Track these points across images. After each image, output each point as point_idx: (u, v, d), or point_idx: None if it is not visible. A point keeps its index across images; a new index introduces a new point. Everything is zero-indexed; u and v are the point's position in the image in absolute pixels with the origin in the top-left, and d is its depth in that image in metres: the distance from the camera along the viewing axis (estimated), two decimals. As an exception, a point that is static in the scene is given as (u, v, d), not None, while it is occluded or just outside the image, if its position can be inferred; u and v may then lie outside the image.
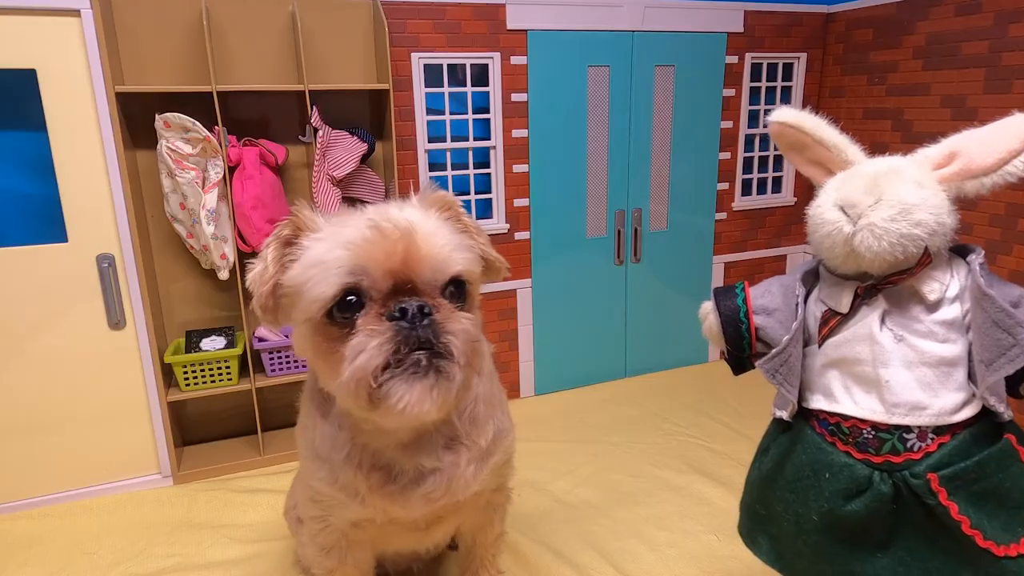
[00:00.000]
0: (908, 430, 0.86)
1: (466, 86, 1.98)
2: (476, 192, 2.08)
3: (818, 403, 0.93)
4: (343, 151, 1.75)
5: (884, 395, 0.87)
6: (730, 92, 2.27)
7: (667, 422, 2.04)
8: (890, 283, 0.87)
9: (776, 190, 2.46)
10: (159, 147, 1.62)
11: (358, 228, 0.82)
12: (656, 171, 2.24)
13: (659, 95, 2.17)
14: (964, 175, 0.85)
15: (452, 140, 2.01)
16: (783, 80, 2.36)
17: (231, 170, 1.68)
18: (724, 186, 2.35)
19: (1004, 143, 0.82)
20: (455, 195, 0.95)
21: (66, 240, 1.59)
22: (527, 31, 1.98)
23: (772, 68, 2.33)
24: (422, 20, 1.87)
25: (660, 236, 2.31)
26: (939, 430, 0.86)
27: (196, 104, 1.64)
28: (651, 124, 2.19)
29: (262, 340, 1.82)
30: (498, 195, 2.09)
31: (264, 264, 0.86)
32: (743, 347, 1.00)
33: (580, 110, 2.09)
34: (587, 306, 2.28)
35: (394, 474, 0.95)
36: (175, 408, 1.83)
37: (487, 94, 2.01)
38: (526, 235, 2.15)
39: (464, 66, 1.96)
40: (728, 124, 2.30)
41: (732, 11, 2.18)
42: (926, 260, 0.84)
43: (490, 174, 2.08)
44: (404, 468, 0.95)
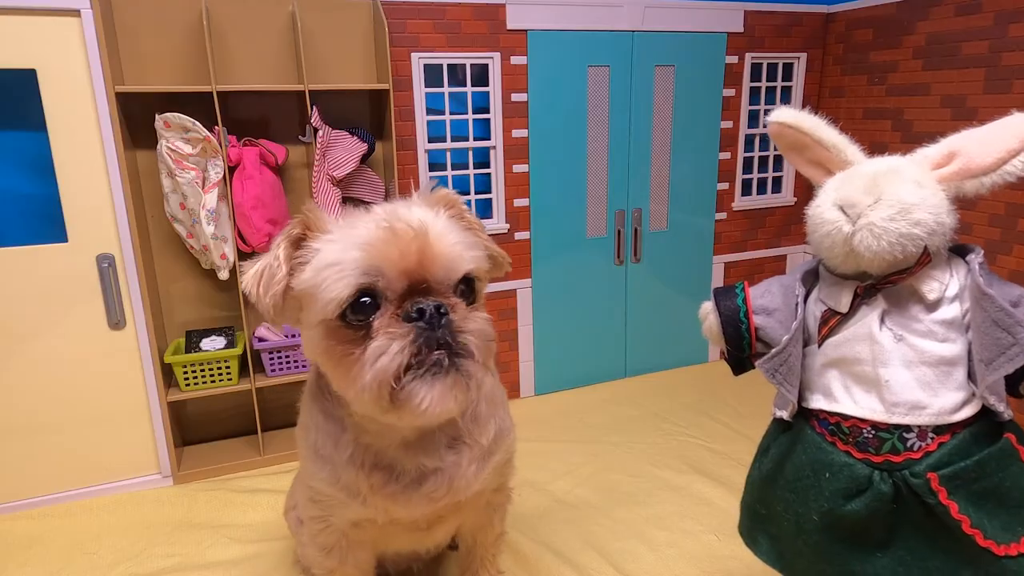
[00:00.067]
0: (908, 429, 0.86)
1: (466, 86, 1.98)
2: (476, 192, 2.08)
3: (818, 403, 0.93)
4: (343, 151, 1.75)
5: (884, 394, 0.87)
6: (730, 92, 2.27)
7: (667, 422, 2.04)
8: (890, 283, 0.87)
9: (776, 190, 2.46)
10: (159, 147, 1.62)
11: (370, 228, 0.81)
12: (656, 171, 2.25)
13: (659, 95, 2.17)
14: (963, 175, 0.85)
15: (452, 140, 2.01)
16: (783, 80, 2.36)
17: (231, 170, 1.69)
18: (724, 186, 2.35)
19: (1003, 143, 0.83)
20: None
21: (66, 240, 1.60)
22: (527, 31, 1.98)
23: (772, 68, 2.33)
24: (422, 20, 1.87)
25: (660, 236, 2.31)
26: (939, 429, 0.86)
27: (196, 104, 1.65)
28: (651, 124, 2.19)
29: (262, 340, 1.83)
30: (498, 195, 2.09)
31: (277, 263, 0.84)
32: (743, 347, 1.00)
33: (580, 110, 2.09)
34: (587, 306, 2.28)
35: (396, 474, 0.95)
36: (175, 408, 1.84)
37: (487, 94, 2.01)
38: (526, 235, 2.15)
39: (464, 66, 1.96)
40: (728, 124, 2.30)
41: (732, 11, 2.18)
42: (925, 260, 0.84)
43: (490, 174, 2.08)
44: (406, 468, 0.95)
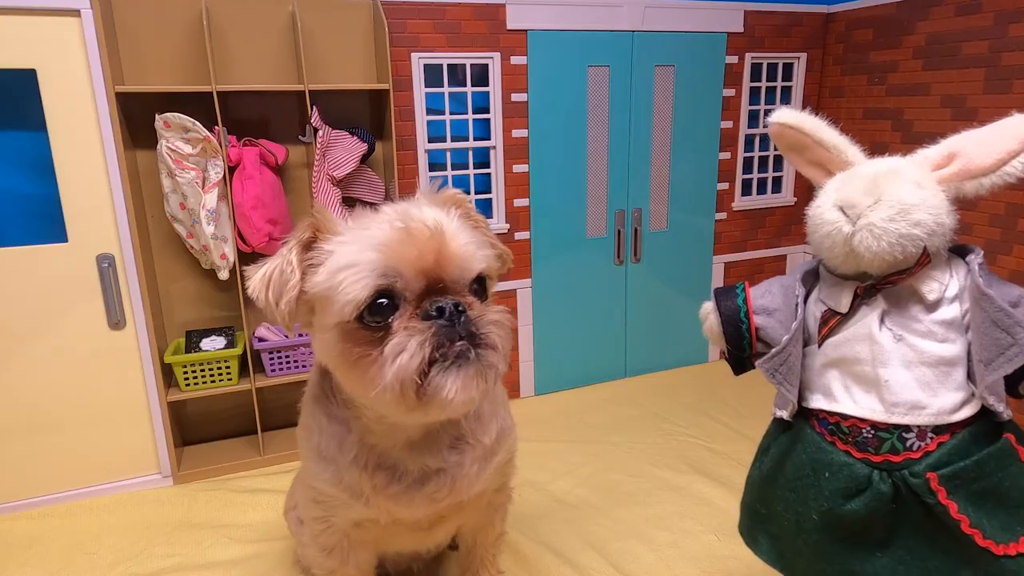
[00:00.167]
0: (907, 429, 0.86)
1: (466, 86, 1.98)
2: (476, 192, 2.08)
3: (818, 402, 0.94)
4: (343, 151, 1.75)
5: (883, 394, 0.87)
6: (730, 92, 2.27)
7: (667, 422, 2.04)
8: (889, 283, 0.87)
9: (776, 190, 2.47)
10: (159, 147, 1.62)
11: (384, 229, 0.80)
12: (656, 171, 2.25)
13: (659, 95, 2.17)
14: (963, 176, 0.85)
15: (452, 140, 2.01)
16: (783, 80, 2.36)
17: (231, 170, 1.69)
18: (724, 186, 2.35)
19: (1003, 144, 0.83)
20: (456, 194, 0.95)
21: (66, 240, 1.60)
22: (527, 31, 1.98)
23: (772, 68, 2.33)
24: (422, 20, 1.87)
25: (660, 236, 2.32)
26: (938, 429, 0.86)
27: (196, 104, 1.65)
28: (651, 124, 2.19)
29: (262, 340, 1.83)
30: (498, 195, 2.09)
31: (290, 268, 0.83)
32: (743, 347, 1.00)
33: (580, 110, 2.09)
34: (587, 306, 2.28)
35: (399, 474, 0.96)
36: (175, 408, 1.84)
37: (487, 94, 2.01)
38: (526, 235, 2.15)
39: (464, 66, 1.96)
40: (728, 124, 2.30)
41: (732, 11, 2.18)
42: (925, 260, 0.84)
43: (490, 174, 2.08)
44: (409, 468, 0.96)
